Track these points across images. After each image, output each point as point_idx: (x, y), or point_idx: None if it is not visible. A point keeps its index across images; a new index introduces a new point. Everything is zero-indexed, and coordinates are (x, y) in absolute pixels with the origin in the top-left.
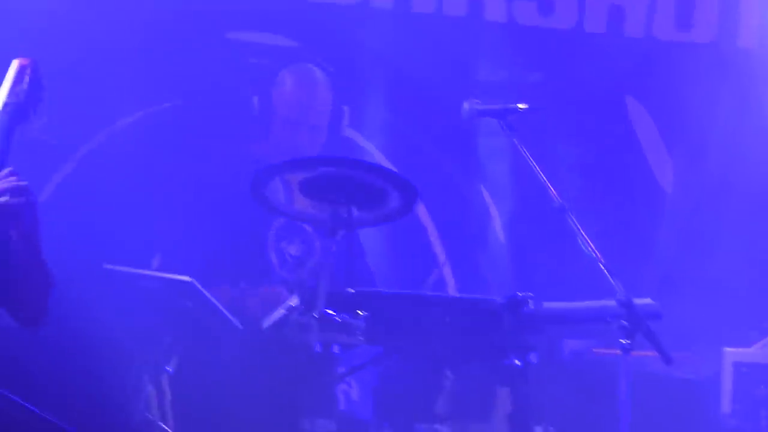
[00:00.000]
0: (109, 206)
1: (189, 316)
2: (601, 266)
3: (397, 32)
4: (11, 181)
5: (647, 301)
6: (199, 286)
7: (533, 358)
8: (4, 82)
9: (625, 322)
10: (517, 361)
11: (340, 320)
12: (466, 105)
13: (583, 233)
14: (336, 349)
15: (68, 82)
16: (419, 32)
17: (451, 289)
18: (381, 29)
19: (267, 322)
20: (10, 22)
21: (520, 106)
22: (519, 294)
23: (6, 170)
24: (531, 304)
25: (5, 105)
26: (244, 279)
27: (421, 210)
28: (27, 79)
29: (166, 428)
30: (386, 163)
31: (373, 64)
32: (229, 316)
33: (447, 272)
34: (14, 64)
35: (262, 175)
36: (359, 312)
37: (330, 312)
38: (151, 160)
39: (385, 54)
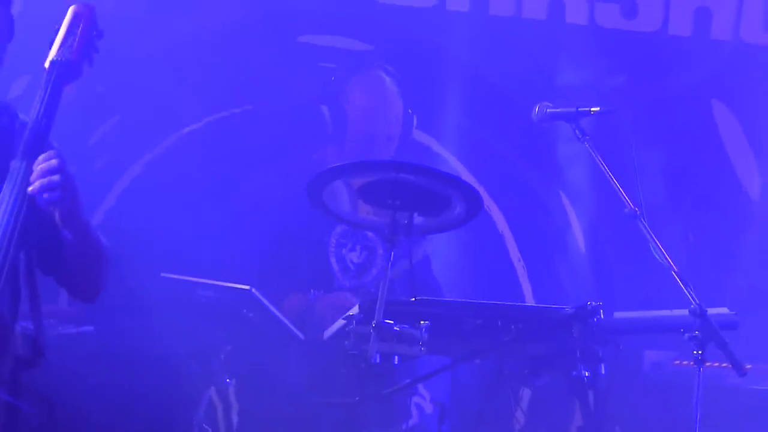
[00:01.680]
0: (172, 213)
1: (248, 326)
2: (674, 275)
3: (475, 35)
4: (46, 173)
5: (723, 310)
6: (259, 295)
7: (603, 369)
8: (59, 30)
9: (697, 333)
10: (586, 373)
11: (398, 330)
12: (536, 108)
13: (656, 241)
14: (396, 360)
15: (138, 87)
16: (497, 35)
17: (529, 298)
18: (458, 32)
19: (328, 333)
20: None
21: (593, 109)
22: (589, 303)
23: (46, 154)
24: (601, 314)
25: (52, 62)
26: (306, 287)
27: (498, 217)
28: (80, 30)
29: None
30: (463, 170)
31: (449, 68)
32: (290, 325)
33: (524, 279)
34: (69, 12)
35: (318, 180)
36: (421, 321)
37: (389, 322)
38: (217, 167)
39: (461, 58)
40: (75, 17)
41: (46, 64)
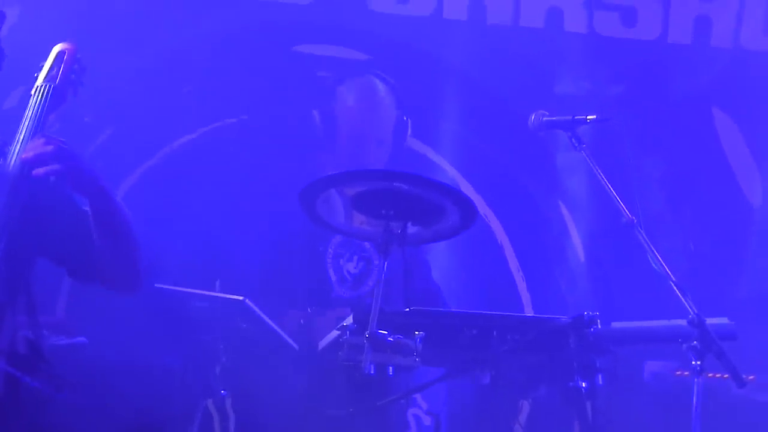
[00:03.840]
0: (166, 224)
1: (243, 336)
2: (672, 284)
3: (472, 44)
4: (37, 149)
5: (723, 320)
6: (252, 306)
7: (600, 379)
8: (45, 63)
9: (695, 343)
10: (583, 383)
11: (393, 340)
12: (533, 117)
13: (654, 250)
14: (390, 370)
15: (132, 97)
16: (495, 44)
17: (528, 308)
18: (455, 41)
19: (322, 343)
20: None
21: (589, 117)
22: (586, 313)
23: (39, 140)
24: (598, 324)
25: (38, 88)
26: (303, 298)
27: (497, 227)
28: (64, 63)
29: None
30: (460, 179)
31: (446, 77)
32: (285, 336)
33: (523, 290)
34: (54, 50)
35: (309, 189)
36: (416, 332)
37: (383, 332)
38: (212, 177)
39: (459, 66)
40: (59, 53)
41: (33, 91)
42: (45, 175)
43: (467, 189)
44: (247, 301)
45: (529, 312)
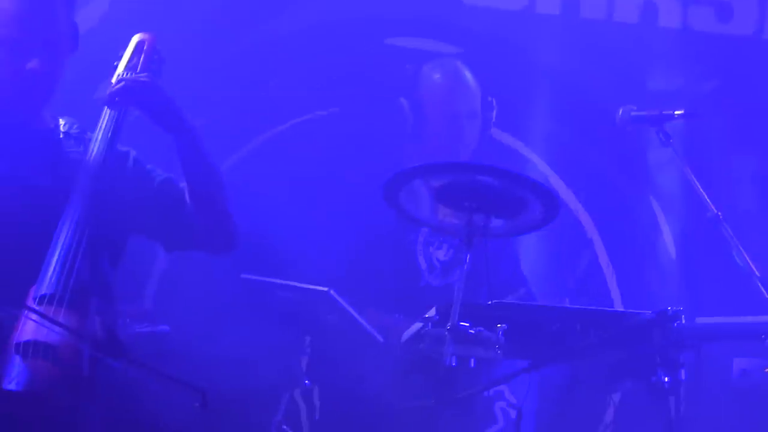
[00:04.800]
0: (256, 215)
1: (328, 328)
2: (757, 281)
3: (565, 39)
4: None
5: None
6: (338, 297)
7: (683, 375)
8: (124, 54)
9: None
10: (666, 378)
11: (474, 332)
12: (620, 111)
13: (739, 246)
14: (472, 363)
15: (224, 89)
16: (588, 39)
17: (618, 303)
18: (547, 35)
19: (406, 335)
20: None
21: (677, 112)
22: (669, 308)
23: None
24: (682, 319)
25: (118, 80)
26: (392, 287)
27: (587, 222)
28: (143, 54)
29: None
30: (551, 174)
31: (538, 71)
32: (369, 327)
33: (613, 285)
34: (133, 40)
35: (393, 182)
36: (498, 325)
37: (464, 324)
38: (303, 169)
39: (551, 61)
40: (138, 43)
41: (113, 80)
42: (128, 103)
43: (557, 184)
44: (331, 292)
45: (618, 307)
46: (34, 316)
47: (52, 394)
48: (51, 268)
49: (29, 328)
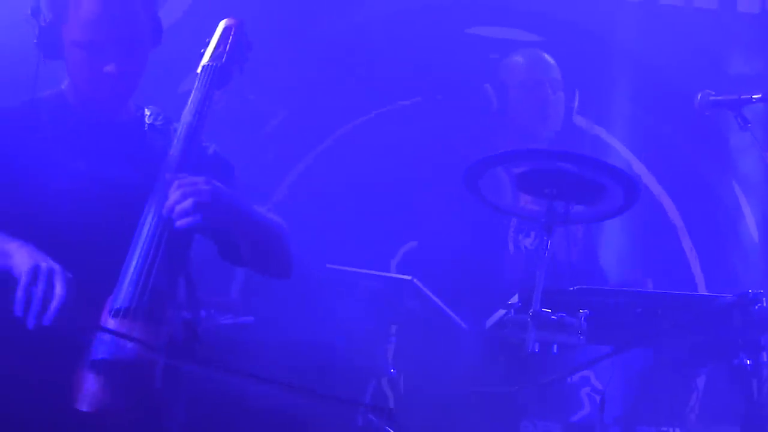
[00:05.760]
0: (340, 205)
1: (411, 316)
2: None
3: (645, 25)
4: (179, 199)
5: None
6: (421, 285)
7: (765, 357)
8: (211, 40)
9: None
10: (747, 361)
11: (556, 318)
12: (699, 96)
13: None
14: (555, 348)
15: (308, 79)
16: (668, 24)
17: (701, 288)
18: (627, 22)
19: (489, 322)
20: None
21: (755, 96)
22: (750, 291)
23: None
24: (763, 302)
25: (204, 67)
26: (480, 274)
27: (670, 207)
28: (230, 40)
29: (390, 430)
30: (633, 160)
31: (618, 57)
32: (453, 315)
33: (696, 269)
34: (220, 25)
35: (473, 170)
36: (580, 311)
37: (546, 310)
38: (386, 159)
39: (631, 47)
40: (226, 29)
41: (198, 70)
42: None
43: (640, 169)
44: (415, 280)
45: (702, 291)
46: (107, 335)
47: (123, 413)
48: (127, 279)
49: (102, 346)
